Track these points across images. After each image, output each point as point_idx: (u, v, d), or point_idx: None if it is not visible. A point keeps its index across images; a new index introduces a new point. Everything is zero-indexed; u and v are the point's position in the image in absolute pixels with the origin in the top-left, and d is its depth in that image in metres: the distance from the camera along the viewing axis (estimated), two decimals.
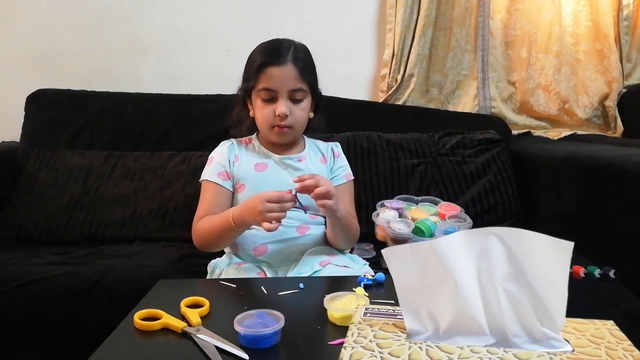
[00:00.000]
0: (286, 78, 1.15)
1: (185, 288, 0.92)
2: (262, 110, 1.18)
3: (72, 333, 1.18)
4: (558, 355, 0.62)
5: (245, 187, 1.20)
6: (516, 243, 0.64)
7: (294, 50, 1.18)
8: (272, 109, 1.16)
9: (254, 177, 1.20)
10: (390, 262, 0.69)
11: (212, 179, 1.20)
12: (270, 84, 1.15)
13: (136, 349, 0.72)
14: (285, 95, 1.16)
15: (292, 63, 1.16)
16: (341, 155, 1.32)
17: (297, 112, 1.18)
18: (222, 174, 1.21)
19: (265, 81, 1.16)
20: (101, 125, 1.80)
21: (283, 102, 1.15)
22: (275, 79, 1.15)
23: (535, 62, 2.00)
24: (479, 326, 0.65)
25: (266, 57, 1.17)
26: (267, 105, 1.17)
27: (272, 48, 1.19)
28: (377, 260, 1.31)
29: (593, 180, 1.36)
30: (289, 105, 1.16)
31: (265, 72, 1.15)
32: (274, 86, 1.15)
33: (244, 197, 1.19)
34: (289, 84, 1.16)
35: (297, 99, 1.18)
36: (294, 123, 1.18)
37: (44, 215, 1.56)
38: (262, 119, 1.19)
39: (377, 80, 2.06)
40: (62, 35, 1.98)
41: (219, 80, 1.87)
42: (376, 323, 0.71)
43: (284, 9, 2.00)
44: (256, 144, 1.27)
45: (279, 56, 1.16)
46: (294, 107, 1.18)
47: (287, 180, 1.19)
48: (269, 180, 1.19)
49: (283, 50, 1.17)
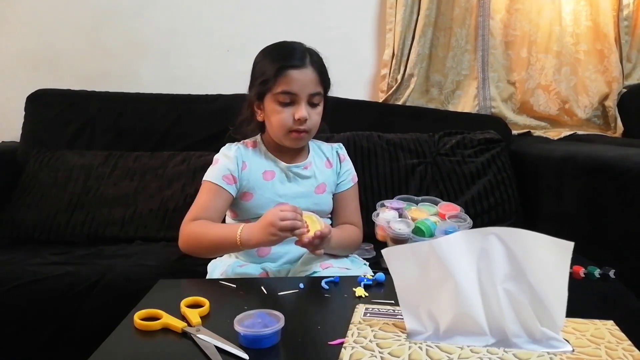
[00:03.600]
0: (307, 82, 1.13)
1: (185, 288, 0.92)
2: (280, 115, 1.14)
3: (72, 333, 1.18)
4: (558, 355, 0.62)
5: (254, 196, 1.17)
6: (516, 243, 0.64)
7: (310, 54, 1.16)
8: (291, 112, 1.13)
9: (262, 186, 1.18)
10: (390, 262, 0.69)
11: (216, 181, 1.16)
12: (291, 87, 1.12)
13: (136, 349, 0.72)
14: (305, 99, 1.13)
15: (311, 66, 1.14)
16: (346, 159, 1.30)
17: (314, 117, 1.16)
18: (227, 177, 1.16)
19: (286, 84, 1.12)
20: (101, 125, 1.80)
21: (303, 105, 1.13)
22: (296, 82, 1.12)
23: (535, 62, 2.00)
24: (479, 326, 0.65)
25: (284, 60, 1.13)
26: (285, 108, 1.13)
27: (289, 51, 1.16)
28: (377, 260, 1.31)
29: (593, 180, 1.36)
30: (307, 110, 1.14)
31: (285, 74, 1.12)
32: (295, 89, 1.12)
33: (251, 206, 1.17)
34: (309, 88, 1.13)
35: (314, 103, 1.15)
36: (311, 128, 1.16)
37: (44, 215, 1.56)
38: (278, 122, 1.14)
39: (377, 80, 2.06)
40: (62, 35, 1.98)
41: (219, 80, 1.88)
42: (376, 323, 0.71)
43: (284, 9, 2.00)
44: (262, 149, 1.23)
45: (298, 59, 1.13)
46: (312, 111, 1.15)
47: (294, 189, 1.19)
48: (276, 189, 1.18)
49: (300, 54, 1.14)
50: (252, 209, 1.17)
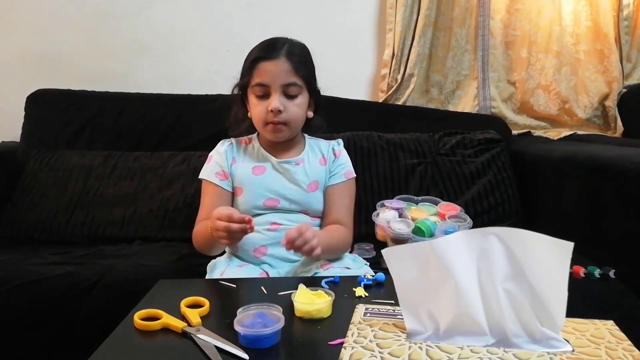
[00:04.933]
0: (278, 72, 1.13)
1: (185, 288, 0.92)
2: (256, 107, 1.16)
3: (72, 333, 1.18)
4: (558, 355, 0.62)
5: (244, 191, 1.19)
6: (516, 243, 0.64)
7: (289, 46, 1.16)
8: (266, 105, 1.14)
9: (252, 181, 1.19)
10: (390, 262, 0.69)
11: (210, 179, 1.20)
12: (263, 78, 1.13)
13: (136, 349, 0.72)
14: (278, 90, 1.13)
15: (285, 57, 1.14)
16: (342, 154, 1.28)
17: (292, 108, 1.15)
18: (219, 173, 1.20)
19: (258, 76, 1.14)
20: (101, 125, 1.80)
21: (276, 97, 1.13)
22: (267, 73, 1.13)
23: (536, 62, 2.00)
24: (479, 326, 0.65)
25: (259, 52, 1.16)
26: (261, 101, 1.15)
27: (267, 44, 1.18)
28: (377, 260, 1.30)
29: (593, 180, 1.36)
30: (282, 101, 1.13)
31: (257, 67, 1.14)
32: (267, 81, 1.13)
33: (242, 201, 1.18)
34: (282, 78, 1.13)
35: (291, 95, 1.15)
36: (288, 119, 1.15)
37: (44, 215, 1.56)
38: (256, 116, 1.17)
39: (377, 80, 2.06)
40: (62, 35, 1.98)
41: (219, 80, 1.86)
42: (376, 323, 0.71)
43: (284, 9, 2.00)
44: (256, 145, 1.25)
45: (272, 51, 1.14)
46: (289, 102, 1.15)
47: (285, 184, 1.19)
48: (266, 185, 1.18)
49: (278, 46, 1.15)
50: (243, 204, 1.18)
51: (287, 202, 1.18)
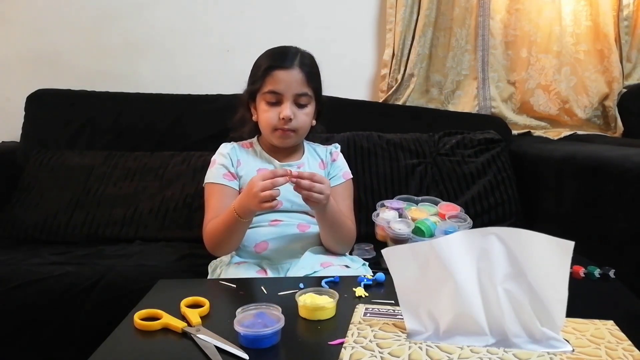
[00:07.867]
0: (292, 82, 1.17)
1: (185, 288, 0.92)
2: (267, 113, 1.18)
3: (72, 333, 1.18)
4: (558, 355, 0.62)
5: None
6: (516, 243, 0.64)
7: (301, 56, 1.20)
8: (277, 111, 1.17)
9: None
10: (390, 262, 0.69)
11: (218, 181, 1.20)
12: (276, 86, 1.17)
13: (136, 349, 0.72)
14: (290, 99, 1.17)
15: (299, 68, 1.18)
16: (339, 157, 1.32)
17: (301, 117, 1.19)
18: (227, 175, 1.22)
19: (272, 84, 1.17)
20: (101, 125, 1.80)
21: (288, 105, 1.17)
22: (281, 82, 1.17)
23: (535, 62, 2.00)
24: (479, 326, 0.65)
25: (273, 61, 1.19)
26: (272, 108, 1.18)
27: (280, 53, 1.21)
28: (377, 260, 1.31)
29: (593, 180, 1.36)
30: (293, 110, 1.17)
31: (272, 75, 1.17)
32: (280, 89, 1.17)
33: None
34: (295, 88, 1.17)
35: (301, 104, 1.19)
36: (297, 127, 1.19)
37: (44, 215, 1.56)
38: (265, 121, 1.19)
39: (377, 80, 2.06)
40: (62, 35, 1.98)
41: (219, 80, 1.88)
42: (376, 323, 0.71)
43: (284, 9, 2.00)
44: (257, 149, 1.28)
45: (286, 60, 1.18)
46: (299, 111, 1.19)
47: (287, 187, 1.19)
48: None
49: (290, 55, 1.19)
50: None
51: (289, 204, 1.19)
